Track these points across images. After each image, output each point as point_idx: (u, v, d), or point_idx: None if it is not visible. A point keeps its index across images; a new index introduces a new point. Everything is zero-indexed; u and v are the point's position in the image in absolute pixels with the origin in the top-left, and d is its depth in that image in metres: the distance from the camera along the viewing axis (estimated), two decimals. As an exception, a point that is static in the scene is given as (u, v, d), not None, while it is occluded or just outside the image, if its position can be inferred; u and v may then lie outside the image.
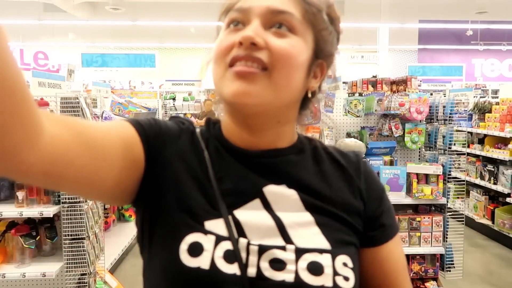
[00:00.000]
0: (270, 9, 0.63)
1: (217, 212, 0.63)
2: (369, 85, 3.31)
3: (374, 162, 3.06)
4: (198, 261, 0.59)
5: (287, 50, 0.62)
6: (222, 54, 0.63)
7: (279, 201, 0.66)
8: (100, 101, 3.70)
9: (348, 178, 0.73)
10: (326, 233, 0.65)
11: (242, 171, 0.67)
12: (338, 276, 0.62)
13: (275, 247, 0.62)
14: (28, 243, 2.52)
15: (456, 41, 13.20)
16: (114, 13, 10.82)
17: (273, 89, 0.62)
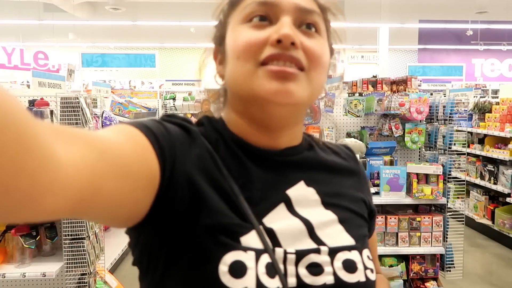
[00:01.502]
0: (300, 7, 0.61)
1: (248, 224, 0.57)
2: (369, 85, 3.31)
3: (374, 162, 3.06)
4: (243, 282, 0.53)
5: (320, 52, 0.62)
6: (251, 50, 0.59)
7: (301, 202, 0.64)
8: (100, 101, 3.70)
9: (351, 171, 0.75)
10: (349, 230, 0.66)
11: (264, 175, 0.63)
12: (368, 270, 0.63)
13: (311, 251, 0.60)
14: (28, 243, 2.52)
15: (456, 41, 13.20)
16: (114, 13, 10.82)
17: (310, 89, 0.61)
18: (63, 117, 2.54)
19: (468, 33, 11.59)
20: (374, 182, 3.02)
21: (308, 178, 0.67)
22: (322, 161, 0.71)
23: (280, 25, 0.59)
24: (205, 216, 0.56)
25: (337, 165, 0.74)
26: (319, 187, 0.67)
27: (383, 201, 2.96)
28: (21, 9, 10.54)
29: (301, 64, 0.59)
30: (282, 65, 0.58)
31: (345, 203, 0.68)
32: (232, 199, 0.58)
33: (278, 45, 0.58)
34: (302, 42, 0.60)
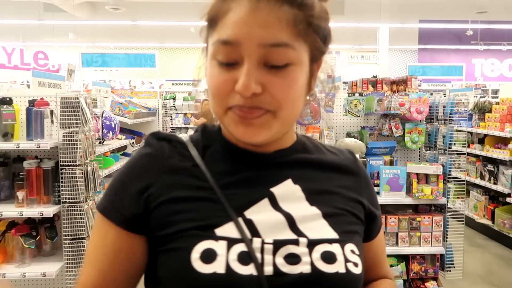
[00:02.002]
0: (263, 44, 0.59)
1: (226, 217, 0.64)
2: (369, 85, 3.31)
3: (374, 162, 3.06)
4: (212, 266, 0.60)
5: (288, 91, 0.62)
6: (221, 96, 0.63)
7: (286, 198, 0.69)
8: (100, 101, 3.70)
9: (348, 171, 0.78)
10: (333, 225, 0.68)
11: (250, 174, 0.69)
12: (349, 263, 0.66)
13: (289, 242, 0.64)
14: (28, 243, 2.52)
15: (456, 41, 13.20)
16: (114, 13, 10.82)
17: (280, 125, 0.65)
18: (63, 117, 2.54)
19: (468, 33, 11.59)
20: (374, 182, 3.02)
21: (296, 176, 0.71)
22: (314, 160, 0.75)
23: (242, 74, 0.60)
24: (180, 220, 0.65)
25: (332, 164, 0.76)
26: (307, 185, 0.71)
27: (383, 201, 2.96)
28: (21, 9, 10.53)
29: (265, 108, 0.62)
30: (247, 112, 0.61)
31: (333, 200, 0.72)
32: (211, 198, 0.66)
33: (241, 96, 0.61)
34: (267, 85, 0.61)
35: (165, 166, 0.69)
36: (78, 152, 2.53)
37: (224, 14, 0.61)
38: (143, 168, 0.69)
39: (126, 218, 0.67)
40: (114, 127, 3.59)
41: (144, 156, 0.71)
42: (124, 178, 0.70)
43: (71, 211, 2.55)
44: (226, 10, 0.61)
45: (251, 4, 0.59)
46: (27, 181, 2.53)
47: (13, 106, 2.59)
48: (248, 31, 0.59)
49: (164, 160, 0.69)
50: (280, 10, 0.59)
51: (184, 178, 0.68)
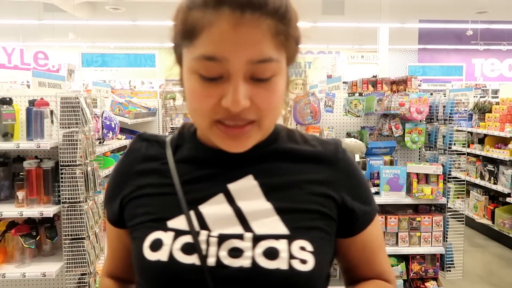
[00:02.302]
0: (251, 61, 0.60)
1: (178, 210, 0.70)
2: (369, 85, 3.31)
3: (374, 162, 3.06)
4: (158, 254, 0.67)
5: (273, 101, 0.64)
6: (205, 111, 0.63)
7: (241, 193, 0.71)
8: (100, 101, 3.70)
9: (323, 165, 0.75)
10: (285, 220, 0.69)
11: (211, 172, 0.73)
12: (294, 260, 0.65)
13: (233, 236, 0.67)
14: (28, 243, 2.52)
15: (456, 41, 13.19)
16: (114, 13, 10.82)
17: (263, 132, 0.68)
18: (63, 117, 2.54)
19: (468, 33, 11.59)
20: (374, 182, 3.02)
21: (258, 172, 0.72)
22: (283, 152, 0.74)
23: (230, 91, 0.60)
24: (142, 213, 0.73)
25: (304, 155, 0.74)
26: (268, 180, 0.72)
27: (383, 201, 2.96)
28: (21, 9, 10.54)
29: (250, 119, 0.64)
30: (233, 125, 0.63)
31: (294, 196, 0.71)
32: (171, 193, 0.72)
33: (228, 110, 0.61)
34: (254, 99, 0.62)
35: (137, 168, 0.77)
36: (78, 152, 2.53)
37: (205, 27, 0.59)
38: (121, 171, 0.79)
39: (112, 215, 0.80)
40: (114, 127, 3.59)
41: (124, 157, 0.81)
42: (112, 178, 0.81)
43: (71, 211, 2.55)
44: (207, 24, 0.59)
45: (236, 19, 0.58)
46: (27, 181, 2.53)
47: (13, 106, 2.59)
48: (236, 48, 0.59)
49: (138, 161, 0.78)
50: (264, 24, 0.59)
51: (152, 177, 0.75)
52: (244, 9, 0.58)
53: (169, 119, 6.11)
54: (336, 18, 11.45)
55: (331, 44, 12.37)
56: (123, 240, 0.80)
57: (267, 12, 0.59)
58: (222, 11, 0.58)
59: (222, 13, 0.58)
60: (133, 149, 0.80)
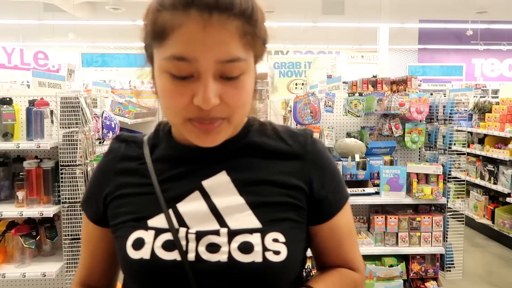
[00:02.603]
0: (220, 61, 0.62)
1: (158, 209, 0.73)
2: (369, 85, 3.31)
3: (374, 162, 3.06)
4: (140, 253, 0.70)
5: (241, 99, 0.67)
6: (177, 109, 0.66)
7: (216, 189, 0.74)
8: (100, 101, 3.70)
9: (291, 157, 0.78)
10: (258, 214, 0.72)
11: (184, 168, 0.76)
12: (268, 252, 0.69)
13: (210, 233, 0.70)
14: (28, 243, 2.52)
15: (456, 41, 13.19)
16: (114, 13, 10.81)
17: (233, 128, 0.71)
18: (63, 117, 2.54)
19: (468, 33, 11.59)
20: (374, 182, 3.02)
21: (231, 168, 0.75)
22: (254, 148, 0.77)
23: (201, 90, 0.63)
24: (123, 212, 0.76)
25: (273, 149, 0.78)
26: (240, 175, 0.75)
27: (383, 201, 2.96)
28: (21, 9, 10.53)
29: (221, 117, 0.66)
30: (208, 125, 0.66)
31: (265, 190, 0.74)
32: (149, 192, 0.75)
33: (199, 108, 0.64)
34: (223, 97, 0.64)
35: (117, 167, 0.80)
36: (78, 152, 2.53)
37: (174, 28, 0.61)
38: (102, 170, 0.82)
39: (95, 214, 0.81)
40: (114, 127, 3.59)
41: (104, 157, 0.83)
42: (93, 177, 0.83)
43: (71, 211, 2.55)
44: (177, 25, 0.61)
45: (204, 20, 0.60)
46: (27, 181, 2.53)
47: (13, 106, 2.59)
48: (205, 48, 0.61)
49: (117, 161, 0.80)
50: (232, 24, 0.62)
51: (131, 176, 0.78)
52: (212, 10, 0.60)
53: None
54: (336, 18, 11.46)
55: (331, 44, 12.37)
56: (106, 240, 0.81)
57: (234, 13, 0.62)
58: (190, 12, 0.60)
59: (191, 15, 0.60)
60: (112, 149, 0.82)
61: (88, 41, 11.89)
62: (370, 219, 3.04)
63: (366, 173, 3.01)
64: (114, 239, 0.78)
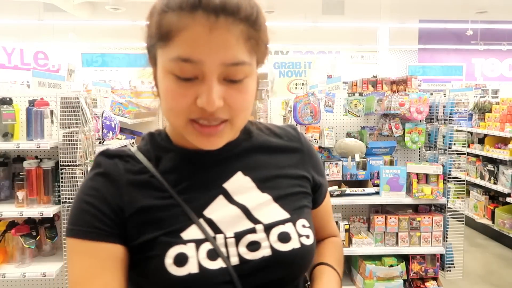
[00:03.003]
0: (225, 64, 0.63)
1: (188, 220, 0.71)
2: (369, 85, 3.31)
3: (374, 162, 3.06)
4: (186, 269, 0.67)
5: (244, 102, 0.68)
6: (180, 110, 0.65)
7: (238, 190, 0.75)
8: (100, 101, 3.70)
9: (293, 150, 0.85)
10: (284, 205, 0.77)
11: (203, 175, 0.75)
12: (302, 237, 0.74)
13: (247, 232, 0.72)
14: (28, 243, 2.52)
15: (456, 41, 13.18)
16: (114, 13, 10.81)
17: (235, 131, 0.72)
18: (63, 117, 2.54)
19: (468, 33, 11.59)
20: (374, 182, 3.02)
21: (245, 167, 0.78)
22: (260, 146, 0.81)
23: (205, 91, 0.63)
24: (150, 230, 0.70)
25: (277, 146, 0.83)
26: (256, 174, 0.78)
27: (383, 201, 2.96)
28: (21, 9, 10.53)
29: (223, 118, 0.67)
30: (207, 123, 0.66)
31: (281, 183, 0.79)
32: (171, 205, 0.72)
33: (203, 109, 0.64)
34: (227, 99, 0.65)
35: (124, 183, 0.72)
36: (78, 152, 2.53)
37: (180, 30, 0.62)
38: (104, 188, 0.71)
39: (109, 232, 0.70)
40: (114, 127, 3.59)
41: (99, 176, 0.72)
42: (90, 200, 0.70)
43: (71, 211, 2.54)
44: (182, 27, 0.61)
45: (210, 23, 0.61)
46: (27, 181, 2.53)
47: (13, 106, 2.59)
48: (210, 50, 0.61)
49: (122, 176, 0.73)
50: (237, 28, 0.62)
51: (145, 190, 0.72)
52: (219, 13, 0.61)
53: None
54: (336, 18, 11.46)
55: (331, 44, 12.37)
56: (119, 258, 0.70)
57: (240, 18, 0.62)
58: (197, 15, 0.61)
59: (197, 17, 0.61)
60: (106, 165, 0.73)
61: (88, 41, 11.89)
62: (370, 219, 3.04)
63: (366, 173, 3.01)
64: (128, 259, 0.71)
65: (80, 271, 0.68)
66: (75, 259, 0.69)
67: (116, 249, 0.69)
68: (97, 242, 0.68)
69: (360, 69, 10.48)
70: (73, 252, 0.69)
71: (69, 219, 0.71)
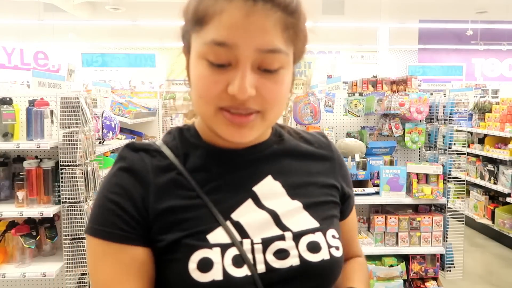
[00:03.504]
0: (260, 49, 0.61)
1: (215, 222, 0.67)
2: (369, 85, 3.31)
3: (374, 162, 3.06)
4: (210, 275, 0.63)
5: (278, 94, 0.65)
6: (211, 97, 0.63)
7: (268, 195, 0.72)
8: (100, 101, 3.69)
9: (323, 157, 0.82)
10: (313, 214, 0.73)
11: (232, 176, 0.72)
12: (332, 248, 0.71)
13: (275, 239, 0.68)
14: (28, 243, 2.52)
15: (456, 41, 13.18)
16: (114, 13, 10.82)
17: (266, 125, 0.68)
18: (63, 117, 2.54)
19: (468, 33, 11.59)
20: (374, 182, 3.02)
21: (275, 171, 0.74)
22: (291, 151, 0.78)
23: (237, 78, 0.61)
24: (175, 232, 0.66)
25: (308, 152, 0.80)
26: (286, 179, 0.74)
27: (383, 201, 2.96)
28: (21, 9, 10.53)
29: (255, 109, 0.64)
30: (238, 113, 0.63)
31: (311, 191, 0.76)
32: (199, 205, 0.68)
33: (234, 97, 0.62)
34: (260, 89, 0.62)
35: (150, 178, 0.69)
36: (78, 152, 2.53)
37: (216, 14, 0.60)
38: (129, 185, 0.68)
39: (134, 235, 0.67)
40: (114, 127, 3.59)
41: (124, 172, 0.69)
42: (115, 199, 0.67)
43: (71, 211, 2.55)
44: (219, 10, 0.60)
45: (248, 7, 0.59)
46: (27, 181, 2.53)
47: (13, 106, 2.59)
48: (246, 34, 0.60)
49: (149, 172, 0.69)
50: (275, 15, 0.61)
51: (172, 189, 0.69)
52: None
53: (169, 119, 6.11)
54: (336, 18, 11.45)
55: (331, 44, 12.36)
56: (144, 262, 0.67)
57: (278, 4, 0.61)
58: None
59: (234, 1, 0.60)
60: (131, 158, 0.70)
61: (88, 41, 11.89)
62: (370, 219, 3.04)
63: (366, 173, 3.01)
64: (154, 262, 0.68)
65: (103, 275, 0.66)
66: (99, 262, 0.66)
67: (141, 252, 0.67)
68: (121, 245, 0.65)
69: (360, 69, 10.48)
70: (96, 254, 0.67)
71: (92, 216, 0.68)
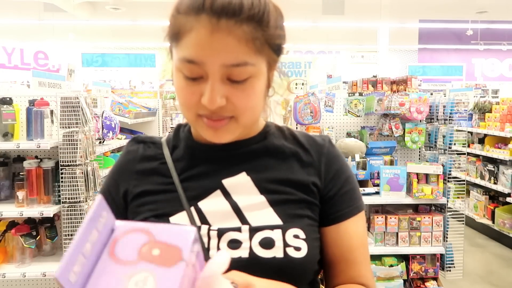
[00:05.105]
0: (226, 65, 0.64)
1: (180, 207, 0.75)
2: (369, 84, 3.31)
3: (374, 162, 3.06)
4: None
5: (248, 101, 0.69)
6: (189, 106, 0.69)
7: (237, 189, 0.76)
8: (100, 101, 3.70)
9: (308, 159, 0.80)
10: (279, 211, 0.74)
11: (207, 168, 0.78)
12: (289, 247, 0.71)
13: (232, 229, 0.72)
14: (28, 243, 2.52)
15: (456, 40, 13.18)
16: (114, 13, 10.82)
17: (242, 127, 0.72)
18: (63, 117, 2.54)
19: (468, 33, 11.58)
20: (374, 182, 3.02)
21: (250, 168, 0.78)
22: (272, 150, 0.80)
23: (207, 91, 0.66)
24: (145, 209, 0.77)
25: (291, 152, 0.80)
26: (259, 176, 0.77)
27: (383, 201, 2.96)
28: (21, 9, 10.53)
29: (228, 116, 0.69)
30: (214, 121, 0.69)
31: (282, 188, 0.76)
32: (171, 190, 0.77)
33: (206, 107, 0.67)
34: (230, 98, 0.67)
35: (136, 166, 0.82)
36: (78, 152, 2.53)
37: (187, 32, 0.65)
38: (121, 169, 0.83)
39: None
40: (114, 127, 3.59)
41: (122, 157, 0.85)
42: (113, 176, 0.84)
43: (71, 211, 2.55)
44: (188, 29, 0.65)
45: (212, 25, 0.63)
46: (27, 181, 2.53)
47: (13, 106, 2.59)
48: (211, 52, 0.64)
49: (137, 161, 0.82)
50: (239, 30, 0.63)
51: (152, 176, 0.80)
52: (220, 16, 0.63)
53: (169, 119, 6.11)
54: (336, 18, 11.45)
55: (331, 44, 12.37)
56: None
57: (241, 19, 0.63)
58: (201, 17, 0.63)
59: (201, 20, 0.63)
60: (131, 150, 0.85)
61: (88, 41, 11.89)
62: (370, 219, 3.04)
63: (366, 173, 3.01)
64: None
65: None
66: None
67: None
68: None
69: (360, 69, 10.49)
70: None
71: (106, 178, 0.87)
